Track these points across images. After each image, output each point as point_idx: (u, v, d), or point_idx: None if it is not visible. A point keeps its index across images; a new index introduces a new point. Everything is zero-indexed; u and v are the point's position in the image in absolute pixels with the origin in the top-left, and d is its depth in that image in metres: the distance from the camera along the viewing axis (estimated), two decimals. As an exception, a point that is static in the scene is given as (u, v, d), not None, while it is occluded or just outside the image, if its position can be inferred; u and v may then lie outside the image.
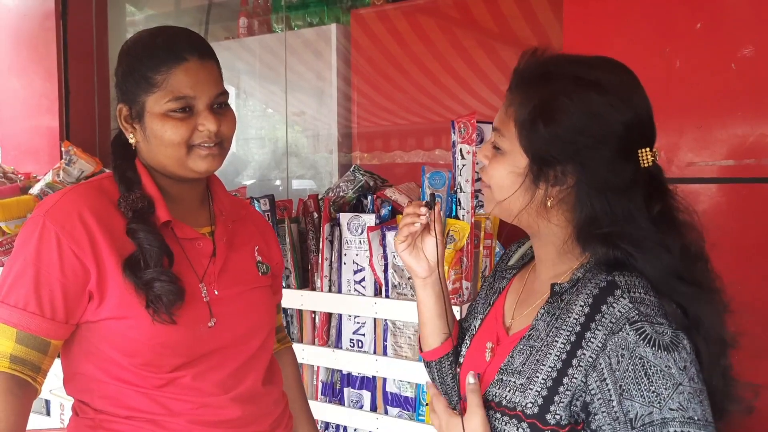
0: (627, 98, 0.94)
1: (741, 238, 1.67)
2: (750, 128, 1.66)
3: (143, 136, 1.19)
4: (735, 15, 1.67)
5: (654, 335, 0.86)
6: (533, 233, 1.03)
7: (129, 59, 1.19)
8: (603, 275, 0.93)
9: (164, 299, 1.11)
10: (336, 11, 3.22)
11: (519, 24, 2.67)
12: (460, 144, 1.80)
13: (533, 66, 0.98)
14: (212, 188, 1.33)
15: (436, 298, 1.18)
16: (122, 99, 1.20)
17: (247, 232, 1.35)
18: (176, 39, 1.18)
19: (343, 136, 3.15)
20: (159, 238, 1.15)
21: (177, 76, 1.14)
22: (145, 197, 1.17)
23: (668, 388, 0.84)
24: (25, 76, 3.33)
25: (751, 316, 1.03)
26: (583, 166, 0.92)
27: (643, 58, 1.75)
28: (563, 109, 0.92)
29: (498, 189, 1.00)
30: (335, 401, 2.02)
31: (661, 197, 0.94)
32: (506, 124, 0.98)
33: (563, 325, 0.93)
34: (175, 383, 1.16)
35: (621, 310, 0.89)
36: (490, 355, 1.04)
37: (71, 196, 1.15)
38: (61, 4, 3.23)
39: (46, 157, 3.21)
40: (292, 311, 2.07)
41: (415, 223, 1.12)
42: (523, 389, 0.93)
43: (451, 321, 1.20)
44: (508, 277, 1.15)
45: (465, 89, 2.81)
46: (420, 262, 1.15)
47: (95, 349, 1.15)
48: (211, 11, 3.69)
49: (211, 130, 1.16)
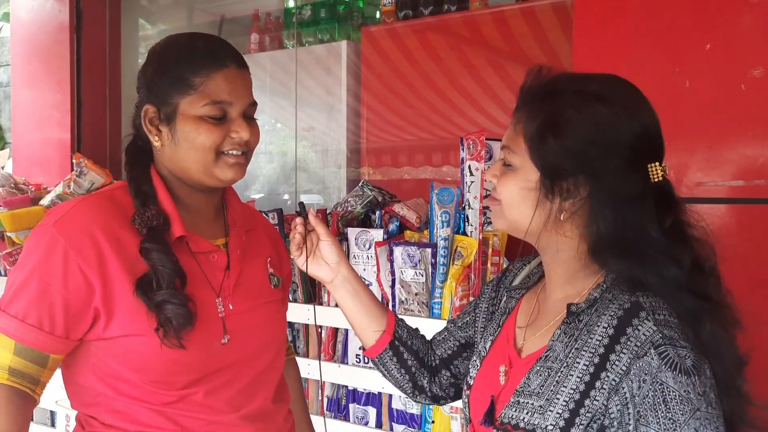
0: (632, 109, 0.95)
1: (750, 259, 1.66)
2: (760, 149, 1.66)
3: (170, 140, 1.15)
4: (745, 36, 1.68)
5: (676, 359, 0.85)
6: (545, 250, 1.03)
7: (163, 60, 1.16)
8: (626, 296, 0.93)
9: (174, 323, 1.08)
10: (347, 28, 3.25)
11: (528, 43, 2.69)
12: (469, 161, 1.80)
13: (538, 83, 1.00)
14: (226, 197, 1.31)
15: (353, 297, 1.23)
16: (149, 100, 1.16)
17: (259, 243, 1.33)
18: (217, 45, 1.17)
19: (352, 152, 3.17)
20: (173, 258, 1.12)
21: (216, 81, 1.13)
22: (161, 214, 1.14)
23: (685, 414, 0.84)
24: (37, 88, 3.36)
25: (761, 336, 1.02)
26: (594, 177, 0.93)
27: (653, 78, 1.75)
28: (572, 121, 0.93)
29: (508, 205, 1.00)
30: (340, 417, 2.01)
31: (672, 211, 0.94)
32: (516, 141, 0.99)
33: (584, 346, 0.92)
34: (186, 400, 1.14)
35: (646, 333, 0.88)
36: (505, 378, 1.03)
37: (82, 207, 1.13)
38: (75, 18, 3.27)
39: (57, 169, 3.23)
40: (299, 326, 2.07)
41: (294, 235, 1.22)
42: (543, 411, 0.92)
43: (380, 315, 1.23)
44: (517, 297, 1.14)
45: (474, 106, 2.83)
46: (321, 267, 1.24)
47: (104, 365, 1.12)
48: (223, 27, 3.72)
49: (244, 138, 1.15)
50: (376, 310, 1.23)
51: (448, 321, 1.29)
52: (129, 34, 3.58)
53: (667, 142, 0.98)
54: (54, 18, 3.29)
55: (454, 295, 1.75)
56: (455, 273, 1.75)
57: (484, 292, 1.23)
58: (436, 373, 1.24)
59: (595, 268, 0.98)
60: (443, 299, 1.77)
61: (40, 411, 2.53)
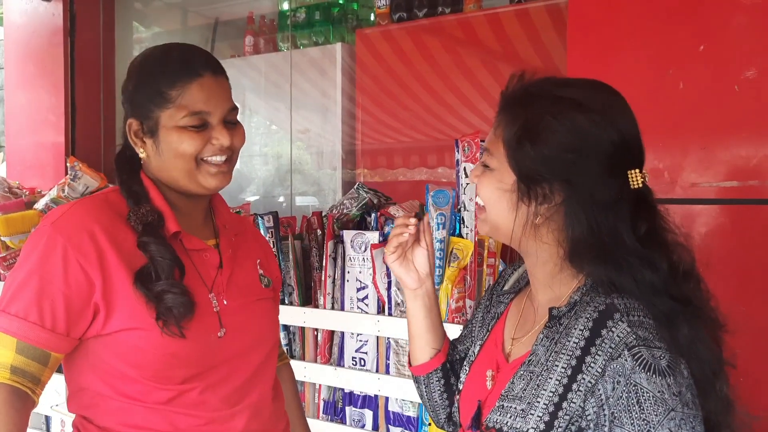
0: (610, 117, 0.95)
1: (743, 260, 1.66)
2: (753, 150, 1.67)
3: (155, 151, 1.18)
4: (738, 37, 1.68)
5: (650, 360, 0.85)
6: (525, 254, 1.03)
7: (141, 74, 1.19)
8: (601, 298, 0.93)
9: (175, 311, 1.11)
10: (341, 30, 3.25)
11: (523, 45, 2.69)
12: (464, 162, 1.81)
13: (520, 88, 1.01)
14: (214, 203, 1.34)
15: (427, 311, 1.19)
16: (133, 114, 1.20)
17: (248, 246, 1.36)
18: (190, 55, 1.19)
19: (347, 154, 3.17)
20: (170, 250, 1.15)
21: (192, 92, 1.15)
22: (155, 210, 1.17)
23: (659, 414, 0.84)
24: (32, 92, 3.35)
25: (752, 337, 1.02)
26: (570, 183, 0.93)
27: (647, 80, 1.76)
28: (549, 128, 0.93)
29: (489, 206, 1.02)
30: (337, 420, 2.01)
31: (648, 217, 0.94)
32: (495, 144, 1.00)
33: (563, 349, 0.93)
34: (183, 397, 1.15)
35: (620, 335, 0.88)
36: (492, 382, 1.03)
37: (79, 208, 1.15)
38: (69, 21, 3.26)
39: (52, 173, 3.23)
40: (295, 328, 2.07)
41: (403, 233, 1.15)
42: (524, 415, 0.93)
43: (441, 336, 1.21)
44: (505, 302, 1.15)
45: (469, 108, 2.83)
46: (410, 273, 1.18)
47: (103, 363, 1.14)
48: (218, 29, 3.72)
49: (225, 144, 1.18)
50: (440, 332, 1.21)
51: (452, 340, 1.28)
52: (123, 37, 3.58)
53: (660, 143, 0.98)
54: (48, 21, 3.29)
55: (450, 297, 1.75)
56: (451, 275, 1.75)
57: (480, 303, 1.24)
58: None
59: (575, 272, 0.98)
60: (439, 301, 1.77)
61: (36, 416, 2.52)
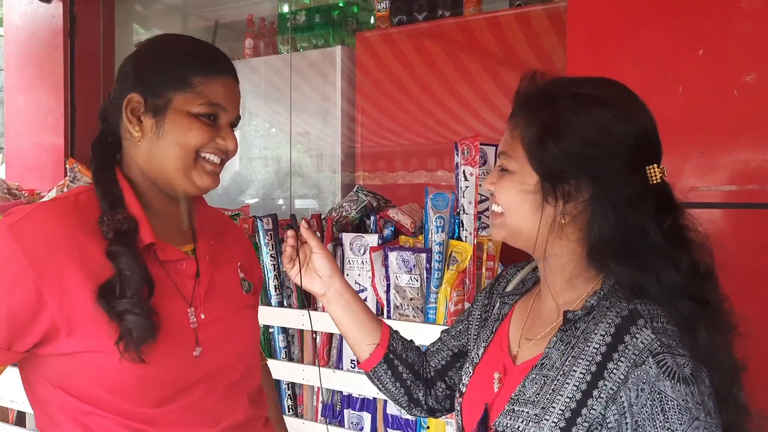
0: (630, 111, 0.95)
1: (744, 264, 1.66)
2: (753, 154, 1.67)
3: (153, 132, 1.10)
4: (737, 41, 1.69)
5: (675, 367, 0.85)
6: (549, 255, 1.00)
7: (162, 54, 1.15)
8: (623, 303, 0.92)
9: (134, 334, 1.00)
10: (341, 34, 3.25)
11: (522, 48, 2.70)
12: (463, 166, 1.81)
13: (534, 88, 1.00)
14: (194, 201, 1.26)
15: (346, 311, 1.22)
16: (136, 89, 1.11)
17: (228, 248, 1.29)
18: (219, 53, 1.18)
19: (347, 156, 3.17)
20: (141, 265, 1.04)
21: (215, 85, 1.12)
22: (131, 218, 1.08)
23: (683, 423, 0.83)
24: (31, 94, 3.35)
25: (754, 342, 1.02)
26: (596, 179, 0.93)
27: (647, 84, 1.76)
28: (571, 125, 0.93)
29: (509, 210, 0.99)
30: (335, 423, 2.01)
31: (671, 213, 0.94)
32: (513, 147, 0.98)
33: (581, 354, 0.92)
34: (163, 417, 1.08)
35: (644, 341, 0.87)
36: (499, 385, 1.02)
37: (41, 212, 1.04)
38: (69, 23, 3.26)
39: (51, 174, 3.23)
40: (293, 331, 2.06)
41: (286, 248, 1.22)
42: (538, 420, 0.91)
43: (374, 329, 1.22)
44: (510, 303, 1.13)
45: (468, 111, 2.83)
46: (314, 280, 1.24)
47: (72, 383, 1.04)
48: (218, 32, 3.73)
49: (229, 146, 1.15)
50: (370, 324, 1.22)
51: (442, 331, 1.28)
52: (123, 40, 3.57)
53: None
54: (48, 23, 3.29)
55: (449, 300, 1.75)
56: (450, 278, 1.75)
57: (477, 300, 1.23)
58: (432, 386, 1.23)
59: (593, 274, 0.98)
60: (438, 304, 1.77)
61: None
